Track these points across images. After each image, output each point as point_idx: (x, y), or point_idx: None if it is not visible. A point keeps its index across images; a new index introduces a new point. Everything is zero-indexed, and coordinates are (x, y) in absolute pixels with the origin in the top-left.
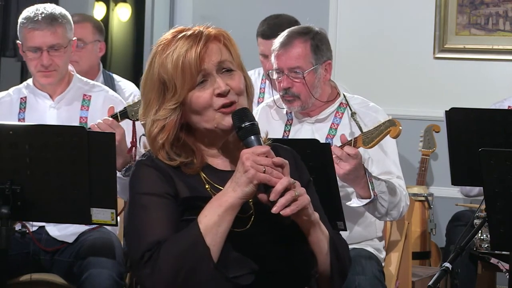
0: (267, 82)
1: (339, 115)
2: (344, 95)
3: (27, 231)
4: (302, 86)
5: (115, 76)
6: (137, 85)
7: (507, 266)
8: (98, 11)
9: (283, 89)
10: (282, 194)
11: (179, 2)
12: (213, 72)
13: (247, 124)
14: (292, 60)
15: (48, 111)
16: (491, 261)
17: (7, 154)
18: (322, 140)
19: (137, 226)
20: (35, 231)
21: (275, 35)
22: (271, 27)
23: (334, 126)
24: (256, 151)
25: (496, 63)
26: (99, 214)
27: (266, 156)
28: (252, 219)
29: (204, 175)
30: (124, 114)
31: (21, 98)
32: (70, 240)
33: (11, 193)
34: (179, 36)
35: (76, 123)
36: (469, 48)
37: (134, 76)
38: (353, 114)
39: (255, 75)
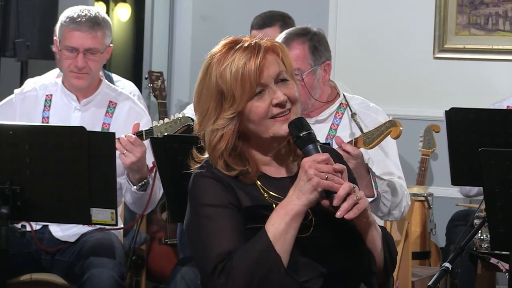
0: None
1: (339, 115)
2: (344, 95)
3: (30, 230)
4: (301, 88)
5: (113, 75)
6: (137, 85)
7: (507, 266)
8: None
9: None
10: (344, 199)
11: (179, 2)
12: (271, 83)
13: (304, 133)
14: None
15: (72, 113)
16: (491, 261)
17: (7, 154)
18: (322, 140)
19: (205, 238)
20: (38, 230)
21: (267, 25)
22: (264, 17)
23: (334, 126)
24: (317, 159)
25: (496, 63)
26: (99, 214)
27: (326, 163)
28: (312, 223)
29: (260, 184)
30: (150, 133)
31: (47, 95)
32: (72, 240)
33: (11, 193)
34: (236, 48)
35: (99, 129)
36: (469, 48)
37: (134, 76)
38: (353, 114)
39: None
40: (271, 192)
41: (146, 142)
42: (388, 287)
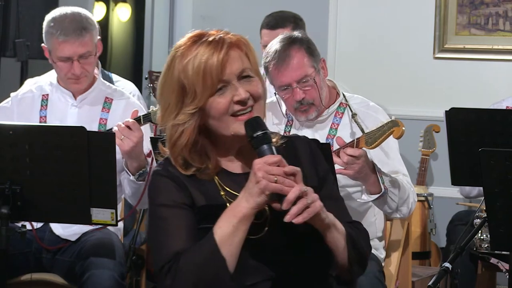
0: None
1: (339, 115)
2: (344, 94)
3: (31, 229)
4: (314, 91)
5: (113, 75)
6: (137, 85)
7: (507, 266)
8: (98, 11)
9: (297, 101)
10: (294, 202)
11: (179, 2)
12: (234, 79)
13: (259, 133)
14: (297, 71)
15: (69, 110)
16: (491, 261)
17: (7, 154)
18: (323, 140)
19: (157, 238)
20: (39, 229)
21: (280, 26)
22: (276, 18)
23: (334, 126)
24: (268, 160)
25: (496, 63)
26: (99, 214)
27: (278, 165)
28: (267, 224)
29: (218, 180)
30: (147, 118)
31: (43, 95)
32: (73, 238)
33: (11, 193)
34: (200, 42)
35: (96, 124)
36: (469, 48)
37: (134, 76)
38: (353, 115)
39: None
40: (228, 189)
41: (144, 129)
42: (353, 285)
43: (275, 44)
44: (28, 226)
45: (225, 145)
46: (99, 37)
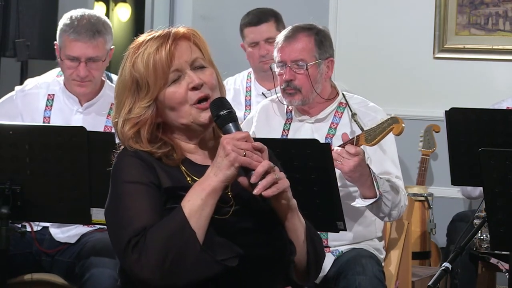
0: (252, 79)
1: (338, 114)
2: (343, 94)
3: (30, 231)
4: (305, 78)
5: (113, 76)
6: None
7: (507, 266)
8: (98, 11)
9: (285, 81)
10: (262, 176)
11: (179, 2)
12: (187, 68)
13: (224, 112)
14: (296, 53)
15: (74, 115)
16: (491, 261)
17: (7, 154)
18: (322, 139)
19: (123, 214)
20: (38, 231)
21: (263, 21)
22: (257, 14)
23: (334, 125)
24: (236, 136)
25: (496, 63)
26: (99, 214)
27: (246, 141)
28: (232, 208)
29: (184, 168)
30: None
31: (49, 95)
32: (73, 241)
33: (11, 193)
34: (149, 38)
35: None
36: (469, 48)
37: None
38: (353, 115)
39: (240, 77)
40: (194, 177)
41: None
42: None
43: (293, 26)
44: (28, 228)
45: (186, 137)
46: (113, 47)
